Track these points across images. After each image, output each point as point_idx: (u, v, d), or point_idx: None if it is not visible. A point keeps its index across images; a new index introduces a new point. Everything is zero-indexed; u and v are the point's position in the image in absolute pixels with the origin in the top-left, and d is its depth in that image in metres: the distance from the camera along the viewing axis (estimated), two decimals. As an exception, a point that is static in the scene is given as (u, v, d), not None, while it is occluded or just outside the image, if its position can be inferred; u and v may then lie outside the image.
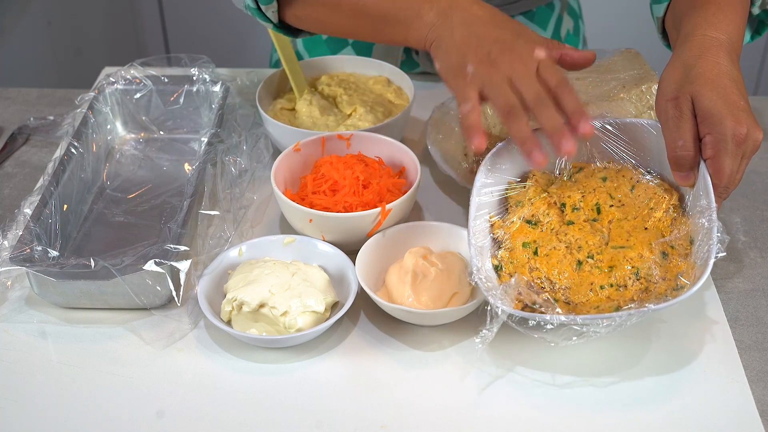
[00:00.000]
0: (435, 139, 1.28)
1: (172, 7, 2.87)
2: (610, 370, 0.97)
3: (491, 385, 0.96)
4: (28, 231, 1.05)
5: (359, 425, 0.92)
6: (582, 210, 1.02)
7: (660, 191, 1.02)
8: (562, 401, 0.94)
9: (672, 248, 0.97)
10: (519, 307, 0.94)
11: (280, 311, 0.99)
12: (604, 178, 1.04)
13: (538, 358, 0.98)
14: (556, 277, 0.97)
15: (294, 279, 1.02)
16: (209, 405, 0.94)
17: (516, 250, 1.00)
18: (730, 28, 1.00)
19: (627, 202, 1.02)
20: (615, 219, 1.01)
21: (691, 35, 0.99)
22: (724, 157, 0.93)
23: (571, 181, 1.05)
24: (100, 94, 1.31)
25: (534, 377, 0.96)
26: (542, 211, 1.02)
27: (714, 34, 0.99)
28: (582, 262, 0.98)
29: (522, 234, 1.01)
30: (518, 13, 1.46)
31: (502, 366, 0.98)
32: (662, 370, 0.97)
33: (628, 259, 0.96)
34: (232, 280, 1.03)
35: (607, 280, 0.96)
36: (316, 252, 1.09)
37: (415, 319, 1.01)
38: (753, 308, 1.06)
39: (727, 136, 0.92)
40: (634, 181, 1.03)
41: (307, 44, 1.54)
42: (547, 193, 1.04)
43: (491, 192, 1.04)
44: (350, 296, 1.01)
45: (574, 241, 0.99)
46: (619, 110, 1.16)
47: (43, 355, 1.00)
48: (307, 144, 1.19)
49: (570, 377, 0.96)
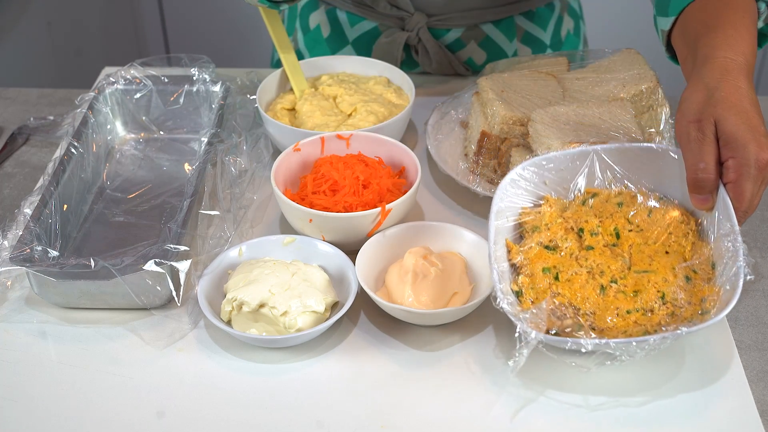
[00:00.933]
0: (435, 139, 1.28)
1: (172, 7, 2.87)
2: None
3: (496, 385, 0.96)
4: (28, 231, 1.05)
5: (359, 425, 0.92)
6: (601, 235, 1.00)
7: (678, 216, 1.01)
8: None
9: (695, 273, 0.96)
10: (547, 331, 0.92)
11: (280, 311, 0.99)
12: (619, 203, 1.03)
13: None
14: (580, 302, 0.95)
15: (294, 279, 1.02)
16: (209, 405, 0.94)
17: (536, 276, 0.98)
18: (747, 49, 1.00)
19: (645, 227, 1.01)
20: (635, 244, 0.99)
21: (712, 57, 0.99)
22: (746, 182, 0.93)
23: (586, 207, 1.04)
24: (100, 94, 1.31)
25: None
26: (560, 236, 1.01)
27: (734, 56, 0.98)
28: (605, 287, 0.96)
29: (541, 259, 0.99)
30: (518, 13, 1.46)
31: (502, 363, 0.98)
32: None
33: (653, 284, 0.95)
34: (232, 280, 1.03)
35: (633, 304, 0.94)
36: (316, 252, 1.09)
37: (416, 319, 1.01)
38: (753, 308, 1.06)
39: (751, 160, 0.92)
40: (650, 207, 1.02)
41: (308, 44, 1.54)
42: (564, 219, 1.02)
43: (507, 218, 1.03)
44: (350, 296, 1.01)
45: (595, 266, 0.98)
46: (619, 110, 1.16)
47: (43, 355, 1.00)
48: (307, 144, 1.19)
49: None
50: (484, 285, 1.04)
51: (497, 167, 1.20)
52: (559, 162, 1.04)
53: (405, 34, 1.44)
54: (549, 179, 1.05)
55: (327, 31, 1.52)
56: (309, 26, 1.54)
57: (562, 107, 1.16)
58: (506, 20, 1.46)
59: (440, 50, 1.45)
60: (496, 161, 1.20)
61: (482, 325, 1.03)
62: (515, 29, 1.47)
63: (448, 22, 1.45)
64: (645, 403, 0.94)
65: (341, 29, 1.51)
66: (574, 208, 1.03)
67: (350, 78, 1.38)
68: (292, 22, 1.58)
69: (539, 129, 1.14)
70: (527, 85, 1.25)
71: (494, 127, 1.20)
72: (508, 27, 1.47)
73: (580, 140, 1.10)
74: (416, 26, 1.44)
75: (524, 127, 1.18)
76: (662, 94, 1.21)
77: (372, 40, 1.49)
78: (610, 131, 1.13)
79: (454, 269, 1.05)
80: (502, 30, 1.47)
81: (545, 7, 1.50)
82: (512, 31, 1.47)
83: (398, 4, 1.43)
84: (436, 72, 1.49)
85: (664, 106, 1.22)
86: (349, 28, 1.50)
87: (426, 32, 1.44)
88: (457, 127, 1.31)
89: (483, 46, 1.47)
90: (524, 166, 1.04)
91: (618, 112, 1.16)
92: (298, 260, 1.07)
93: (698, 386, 0.96)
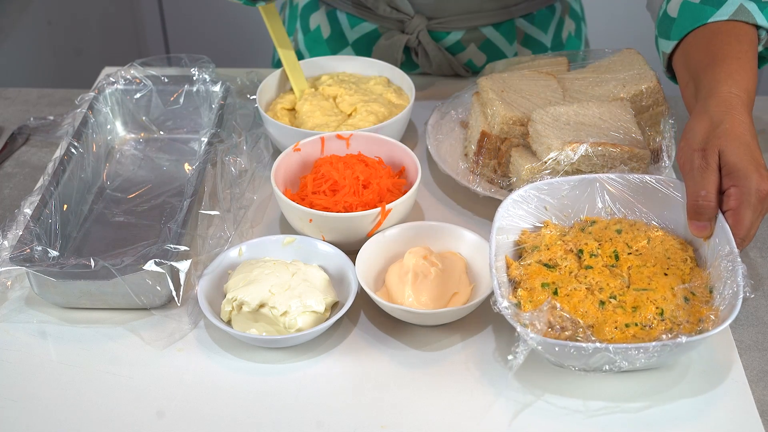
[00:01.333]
0: (435, 139, 1.28)
1: (172, 7, 2.87)
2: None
3: (495, 387, 0.96)
4: (28, 231, 1.05)
5: (359, 425, 0.92)
6: (600, 257, 1.01)
7: (676, 244, 1.02)
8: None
9: (693, 294, 0.97)
10: (546, 334, 0.92)
11: (280, 311, 0.99)
12: (618, 230, 1.04)
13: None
14: (580, 316, 0.95)
15: (294, 279, 1.02)
16: (209, 405, 0.94)
17: (535, 290, 0.98)
18: (749, 84, 1.04)
19: (644, 252, 1.02)
20: (634, 265, 1.00)
21: (716, 91, 1.03)
22: (746, 210, 0.96)
23: (585, 233, 1.05)
24: (100, 94, 1.31)
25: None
26: (559, 256, 1.01)
27: (737, 91, 1.02)
28: (604, 302, 0.96)
29: (540, 275, 0.99)
30: (519, 16, 1.46)
31: (501, 366, 0.98)
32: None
33: (651, 301, 0.95)
34: (232, 280, 1.04)
35: (632, 319, 0.94)
36: (316, 252, 1.09)
37: (415, 319, 1.01)
38: (753, 308, 1.06)
39: (752, 190, 0.96)
40: (649, 235, 1.03)
41: (308, 44, 1.54)
42: (563, 242, 1.03)
43: (507, 235, 1.04)
44: (350, 296, 1.01)
45: (594, 283, 0.98)
46: (619, 110, 1.16)
47: (43, 355, 1.00)
48: (307, 144, 1.19)
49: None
50: (484, 285, 1.04)
51: (497, 167, 1.20)
52: (560, 188, 1.06)
53: (405, 36, 1.44)
54: (549, 204, 1.07)
55: (327, 32, 1.52)
56: (309, 27, 1.54)
57: (562, 107, 1.16)
58: (506, 23, 1.46)
59: (440, 53, 1.45)
60: (496, 161, 1.21)
61: (482, 325, 1.03)
62: (515, 32, 1.47)
63: (448, 25, 1.45)
64: (645, 408, 0.94)
65: (341, 30, 1.51)
66: (573, 233, 1.05)
67: (350, 78, 1.38)
68: (293, 23, 1.58)
69: (539, 129, 1.14)
70: (527, 85, 1.25)
71: (494, 127, 1.20)
72: (508, 30, 1.47)
73: (580, 140, 1.10)
74: (416, 29, 1.44)
75: (524, 127, 1.18)
76: (662, 94, 1.21)
77: (372, 41, 1.49)
78: (610, 131, 1.13)
79: (454, 269, 1.05)
80: (503, 33, 1.47)
81: (546, 9, 1.50)
82: (512, 34, 1.47)
83: (398, 7, 1.43)
84: (436, 73, 1.49)
85: (664, 106, 1.22)
86: (350, 29, 1.50)
87: (426, 35, 1.44)
88: (457, 127, 1.31)
89: (483, 49, 1.47)
90: (526, 189, 1.06)
91: (618, 112, 1.16)
92: (298, 260, 1.07)
93: (698, 387, 0.96)
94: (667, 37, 1.14)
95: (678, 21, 1.12)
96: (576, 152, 1.10)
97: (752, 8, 1.08)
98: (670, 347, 0.88)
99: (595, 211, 1.07)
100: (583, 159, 1.10)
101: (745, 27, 1.08)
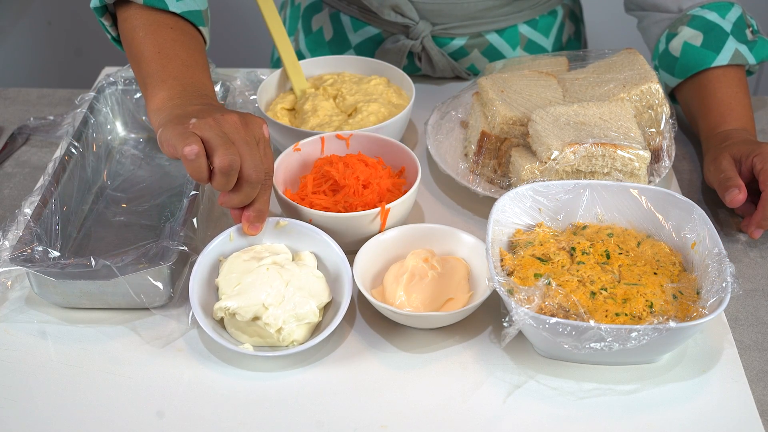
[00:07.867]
0: (435, 139, 1.28)
1: (172, 7, 2.86)
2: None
3: (496, 385, 0.96)
4: (29, 231, 1.05)
5: (359, 425, 0.92)
6: (592, 255, 1.03)
7: (665, 248, 1.04)
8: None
9: (681, 294, 0.98)
10: (540, 311, 0.94)
11: (274, 328, 0.98)
12: (609, 234, 1.06)
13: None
14: (571, 305, 0.96)
15: (288, 289, 1.00)
16: (209, 405, 0.94)
17: (528, 279, 0.99)
18: (750, 125, 1.25)
19: (634, 253, 1.04)
20: (624, 264, 1.02)
21: (733, 136, 1.22)
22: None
23: (578, 236, 1.06)
24: (100, 94, 1.31)
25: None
26: (552, 251, 1.03)
27: (749, 135, 1.23)
28: (596, 293, 0.97)
29: (533, 266, 1.01)
30: (522, 22, 1.47)
31: (501, 368, 0.98)
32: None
33: (641, 294, 0.97)
34: (223, 276, 1.02)
35: (622, 309, 0.96)
36: (308, 236, 1.07)
37: (402, 320, 1.00)
38: (753, 308, 1.07)
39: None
40: (639, 239, 1.06)
41: (309, 46, 1.54)
42: (556, 240, 1.04)
43: (501, 230, 1.05)
44: (346, 298, 1.00)
45: (586, 276, 1.00)
46: (619, 110, 1.16)
47: (43, 355, 1.00)
48: (307, 144, 1.19)
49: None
50: (480, 291, 1.03)
51: (497, 167, 1.20)
52: (556, 192, 1.08)
53: (409, 42, 1.44)
54: (544, 206, 1.08)
55: (330, 34, 1.52)
56: (311, 28, 1.54)
57: (562, 107, 1.16)
58: (510, 29, 1.47)
59: (443, 58, 1.45)
60: (496, 161, 1.21)
61: (482, 326, 1.03)
62: (519, 37, 1.48)
63: (452, 31, 1.45)
64: (637, 391, 0.95)
65: (344, 33, 1.50)
66: (566, 235, 1.06)
67: (351, 78, 1.38)
68: (294, 23, 1.57)
69: (539, 129, 1.14)
70: (527, 85, 1.25)
71: (494, 127, 1.20)
72: (511, 35, 1.47)
73: (580, 140, 1.10)
74: (421, 35, 1.43)
75: (524, 127, 1.18)
76: (662, 94, 1.21)
77: (375, 45, 1.48)
78: (610, 131, 1.13)
79: (454, 275, 1.04)
80: (506, 38, 1.47)
81: (548, 14, 1.50)
82: (515, 40, 1.47)
83: (403, 13, 1.43)
84: (438, 77, 1.49)
85: (664, 106, 1.22)
86: (353, 32, 1.49)
87: (430, 41, 1.44)
88: (457, 127, 1.31)
89: (486, 55, 1.47)
90: (524, 188, 1.07)
91: (618, 112, 1.16)
92: (289, 249, 1.05)
93: (698, 387, 0.96)
94: (671, 74, 1.32)
95: (681, 61, 1.30)
96: (576, 153, 1.10)
97: (744, 50, 1.28)
98: (661, 331, 0.89)
99: (588, 218, 1.09)
100: (583, 159, 1.10)
101: (740, 70, 1.29)
